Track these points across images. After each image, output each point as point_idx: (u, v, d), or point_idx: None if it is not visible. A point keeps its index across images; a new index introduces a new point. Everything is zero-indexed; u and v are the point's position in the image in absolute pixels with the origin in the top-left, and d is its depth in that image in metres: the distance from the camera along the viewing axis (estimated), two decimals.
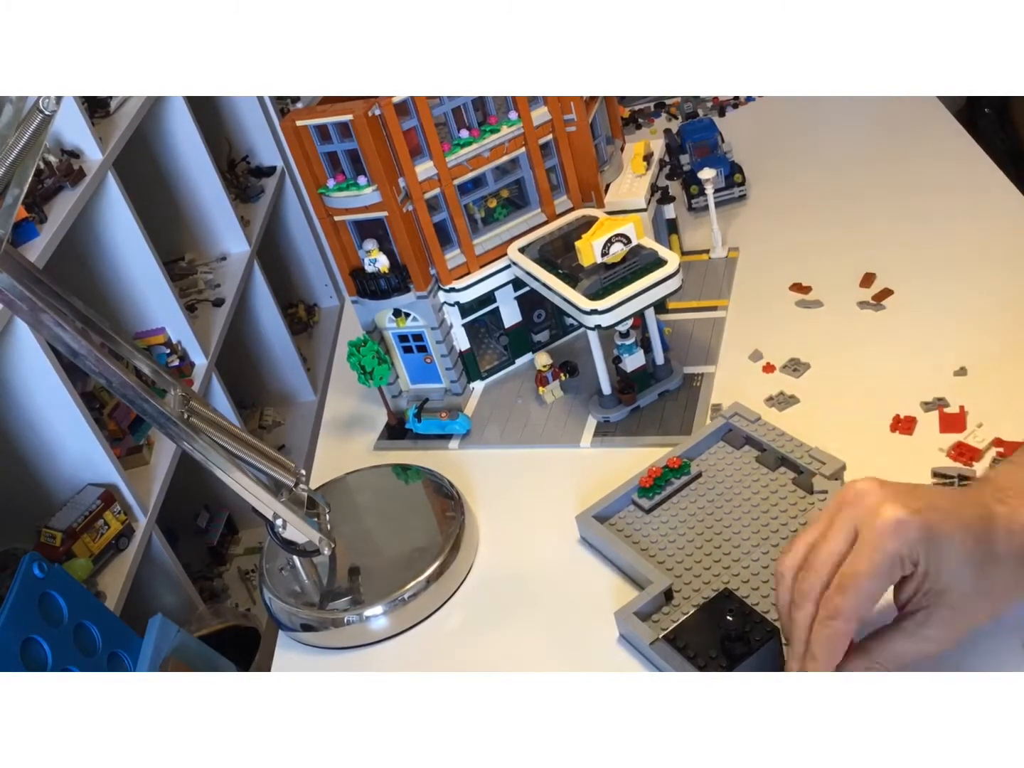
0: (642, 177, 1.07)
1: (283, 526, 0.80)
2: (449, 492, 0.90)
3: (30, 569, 1.11)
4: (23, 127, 0.60)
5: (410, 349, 1.04)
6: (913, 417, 0.85)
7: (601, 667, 0.73)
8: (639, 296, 0.87)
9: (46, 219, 1.58)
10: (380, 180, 0.92)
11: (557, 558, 0.83)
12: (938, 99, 1.34)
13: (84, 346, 0.67)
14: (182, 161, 2.28)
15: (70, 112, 1.70)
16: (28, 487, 1.59)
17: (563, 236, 0.98)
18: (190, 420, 0.75)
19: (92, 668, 1.14)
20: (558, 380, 1.00)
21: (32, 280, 0.67)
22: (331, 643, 0.83)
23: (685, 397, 0.95)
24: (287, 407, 2.65)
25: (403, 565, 0.84)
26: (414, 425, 1.00)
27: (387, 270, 0.97)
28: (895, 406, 0.86)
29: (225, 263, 2.37)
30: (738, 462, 0.83)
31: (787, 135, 1.38)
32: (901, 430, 0.84)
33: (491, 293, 1.02)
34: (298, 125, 0.92)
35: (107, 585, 1.49)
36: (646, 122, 1.55)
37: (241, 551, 2.23)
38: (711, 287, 1.10)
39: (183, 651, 1.21)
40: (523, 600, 0.81)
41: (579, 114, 0.99)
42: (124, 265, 1.93)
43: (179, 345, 2.00)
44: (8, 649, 1.04)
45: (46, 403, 1.51)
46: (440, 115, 0.94)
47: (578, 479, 0.91)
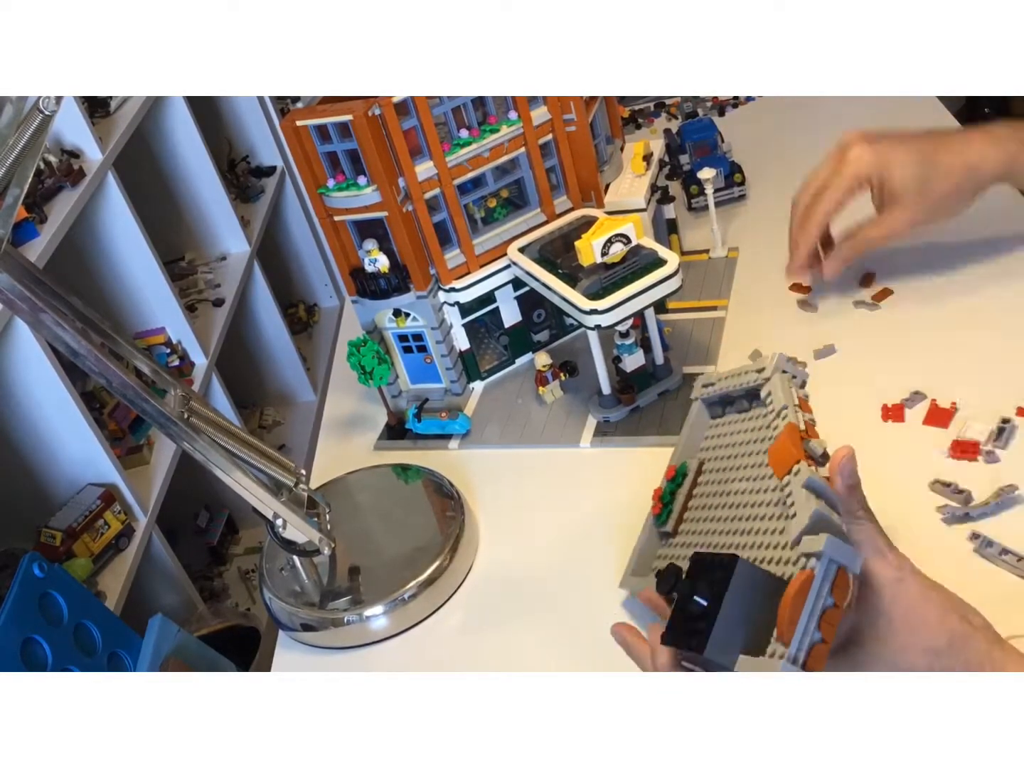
0: (642, 177, 1.07)
1: (283, 526, 0.80)
2: (449, 492, 0.90)
3: (30, 569, 1.11)
4: (23, 127, 0.60)
5: (410, 349, 1.04)
6: (901, 405, 0.86)
7: (601, 667, 0.73)
8: (639, 296, 0.87)
9: (46, 219, 1.58)
10: (380, 180, 0.92)
11: (557, 558, 0.83)
12: (938, 99, 1.34)
13: (84, 346, 0.67)
14: (182, 161, 2.28)
15: (70, 112, 1.70)
16: (28, 487, 1.59)
17: (563, 236, 0.98)
18: (190, 420, 0.75)
19: (92, 668, 1.14)
20: (558, 380, 1.00)
21: (32, 280, 0.67)
22: (331, 643, 0.83)
23: (685, 397, 0.95)
24: (287, 407, 2.64)
25: (403, 565, 0.84)
26: (414, 425, 1.00)
27: (387, 270, 0.97)
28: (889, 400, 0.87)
29: (225, 263, 2.36)
30: (727, 427, 0.77)
31: (787, 135, 1.38)
32: (892, 418, 0.86)
33: (491, 293, 1.02)
34: (298, 125, 0.92)
35: (107, 585, 1.49)
36: (646, 122, 1.55)
37: (241, 551, 2.23)
38: (711, 287, 1.10)
39: (183, 651, 1.21)
40: (523, 600, 0.81)
41: (579, 114, 0.99)
42: (124, 265, 1.92)
43: (179, 345, 2.00)
44: (8, 649, 1.04)
45: (46, 403, 1.51)
46: (440, 115, 0.94)
47: (578, 479, 0.91)
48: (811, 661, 0.54)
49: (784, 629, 0.54)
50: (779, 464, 0.64)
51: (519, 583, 0.83)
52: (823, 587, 0.55)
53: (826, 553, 0.55)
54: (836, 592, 0.55)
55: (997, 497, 0.74)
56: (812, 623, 0.54)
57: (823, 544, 0.55)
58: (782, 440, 0.65)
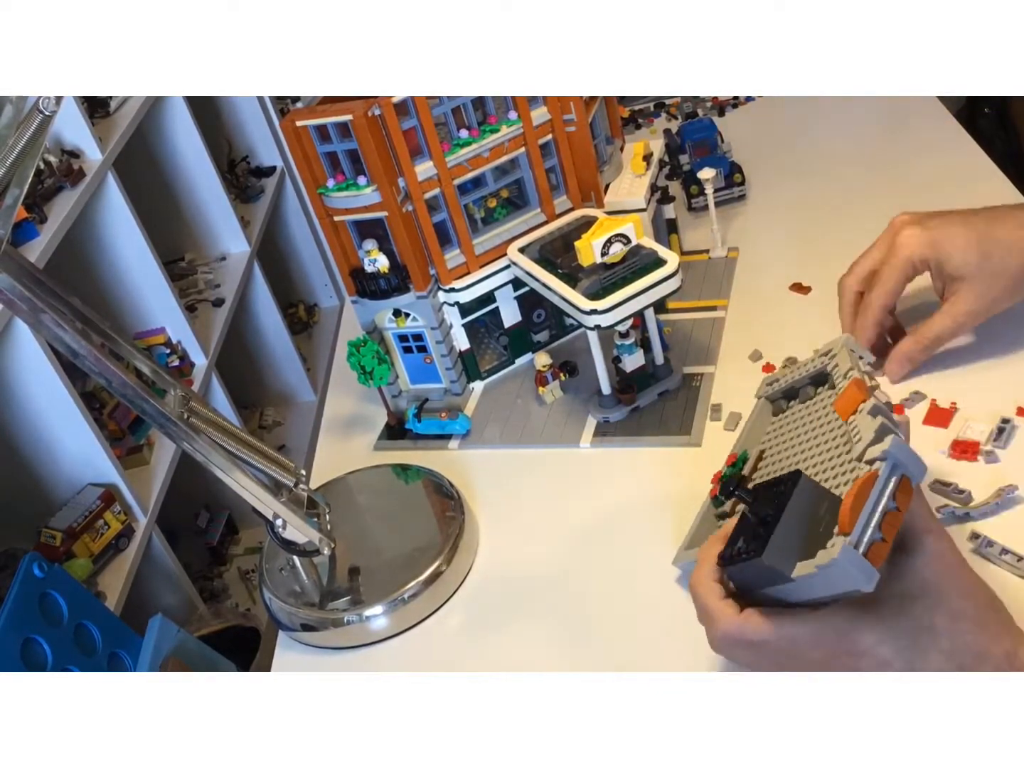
0: (642, 177, 1.07)
1: (283, 526, 0.80)
2: (449, 492, 0.90)
3: (30, 569, 1.11)
4: (23, 127, 0.60)
5: (410, 349, 1.04)
6: (901, 405, 0.86)
7: (601, 667, 0.73)
8: (639, 296, 0.87)
9: (46, 219, 1.58)
10: (380, 180, 0.92)
11: (557, 558, 0.83)
12: (938, 99, 1.34)
13: (84, 346, 0.67)
14: (182, 161, 2.28)
15: (70, 112, 1.70)
16: (28, 487, 1.60)
17: (563, 236, 0.98)
18: (190, 420, 0.75)
19: (92, 668, 1.14)
20: (558, 380, 1.00)
21: (32, 280, 0.67)
22: (331, 643, 0.83)
23: (685, 397, 0.95)
24: (287, 407, 2.65)
25: (403, 565, 0.84)
26: (414, 425, 1.00)
27: (387, 270, 0.97)
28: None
29: (225, 263, 2.37)
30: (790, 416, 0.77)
31: (787, 135, 1.38)
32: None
33: (491, 293, 1.02)
34: (298, 125, 0.92)
35: (107, 585, 1.49)
36: (646, 122, 1.55)
37: (241, 551, 2.23)
38: (711, 287, 1.10)
39: (183, 651, 1.21)
40: (523, 600, 0.81)
41: (579, 114, 0.99)
42: (124, 265, 1.93)
43: (179, 345, 2.00)
44: (8, 649, 1.04)
45: (46, 403, 1.51)
46: (440, 115, 0.94)
47: (578, 479, 0.91)
48: (871, 555, 0.54)
49: (846, 521, 0.54)
50: (845, 410, 0.64)
51: (519, 583, 0.83)
52: (887, 486, 0.55)
53: (891, 453, 0.55)
54: (899, 497, 0.55)
55: (997, 497, 0.74)
56: (874, 519, 0.54)
57: (889, 444, 0.55)
58: (848, 390, 0.65)
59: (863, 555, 0.53)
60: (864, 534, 0.54)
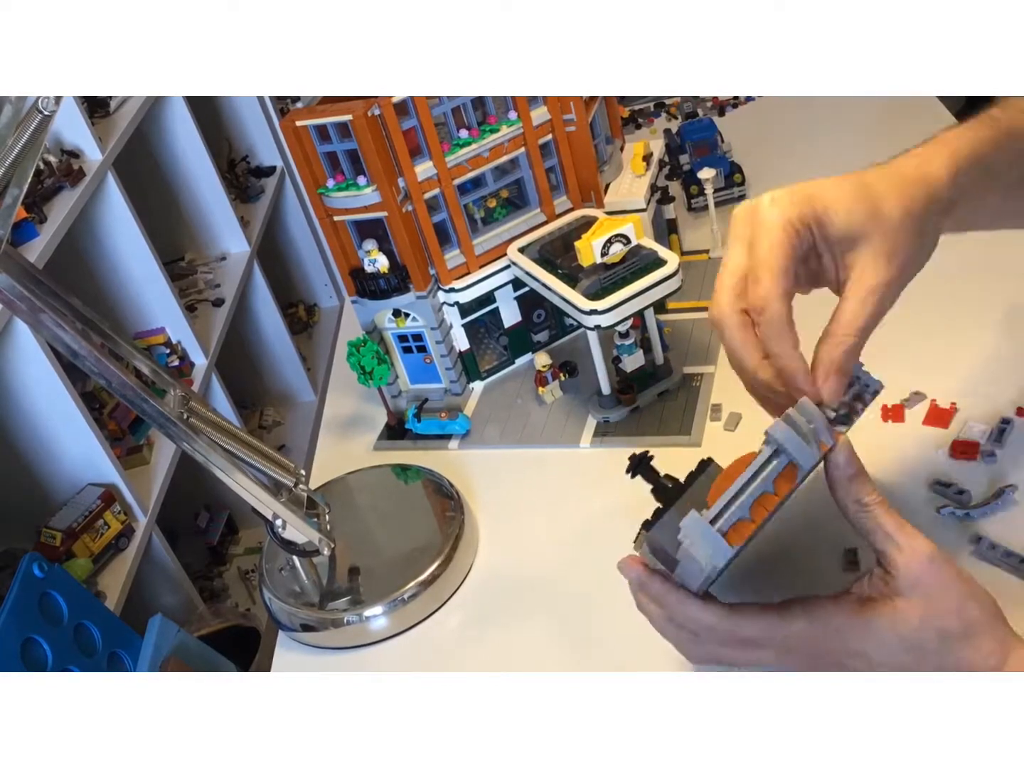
0: (642, 177, 1.07)
1: (283, 526, 0.80)
2: (449, 492, 0.90)
3: (30, 569, 1.11)
4: (23, 127, 0.60)
5: (410, 349, 1.04)
6: (901, 405, 0.86)
7: (601, 667, 0.73)
8: (639, 296, 0.87)
9: (46, 219, 1.58)
10: (380, 180, 0.92)
11: (557, 558, 0.83)
12: (938, 99, 1.34)
13: (84, 346, 0.67)
14: (182, 161, 2.28)
15: (70, 112, 1.70)
16: (28, 487, 1.60)
17: (563, 236, 0.98)
18: (190, 420, 0.75)
19: (92, 668, 1.14)
20: (558, 380, 1.00)
21: (32, 280, 0.67)
22: (331, 643, 0.83)
23: (685, 397, 0.95)
24: (287, 407, 2.65)
25: (403, 565, 0.84)
26: (414, 425, 1.00)
27: (387, 270, 0.97)
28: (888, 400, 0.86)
29: (225, 263, 2.37)
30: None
31: (787, 135, 1.38)
32: (892, 418, 0.85)
33: (491, 293, 1.02)
34: (298, 125, 0.92)
35: (107, 585, 1.49)
36: (646, 122, 1.55)
37: (241, 551, 2.23)
38: (711, 287, 1.09)
39: (183, 651, 1.21)
40: (522, 600, 0.81)
41: (579, 114, 0.99)
42: (124, 265, 1.93)
43: (179, 345, 2.00)
44: (8, 649, 1.04)
45: (46, 403, 1.51)
46: (440, 115, 0.94)
47: (578, 479, 0.91)
48: (732, 532, 0.55)
49: (712, 496, 0.57)
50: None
51: (519, 583, 0.83)
52: (764, 468, 0.56)
53: (772, 437, 0.56)
54: (780, 481, 0.56)
55: (997, 497, 0.74)
56: (741, 497, 0.56)
57: (772, 429, 0.56)
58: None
59: (721, 530, 0.55)
60: (727, 510, 0.55)
